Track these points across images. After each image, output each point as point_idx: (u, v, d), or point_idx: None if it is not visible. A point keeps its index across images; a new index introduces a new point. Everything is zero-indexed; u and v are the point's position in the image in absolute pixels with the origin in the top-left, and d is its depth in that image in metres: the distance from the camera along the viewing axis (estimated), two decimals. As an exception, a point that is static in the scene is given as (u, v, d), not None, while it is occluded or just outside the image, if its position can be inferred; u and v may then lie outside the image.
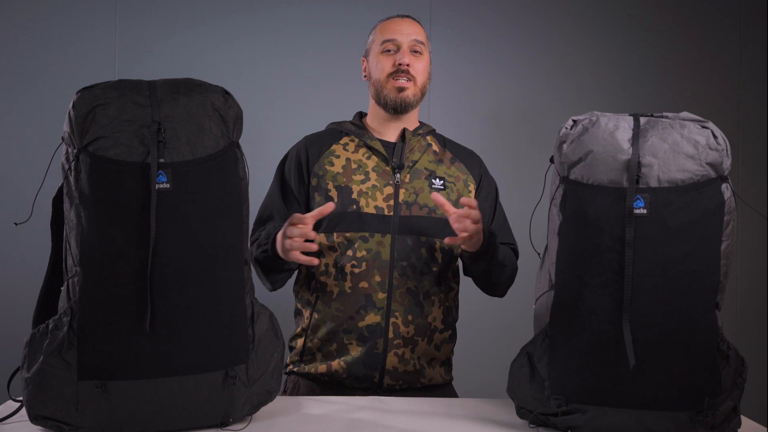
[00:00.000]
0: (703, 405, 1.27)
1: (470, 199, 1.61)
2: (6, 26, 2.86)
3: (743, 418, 1.36)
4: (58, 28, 2.87)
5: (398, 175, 1.79)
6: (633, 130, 1.32)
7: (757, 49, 3.00)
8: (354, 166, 1.80)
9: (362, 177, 1.79)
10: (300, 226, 1.61)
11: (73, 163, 1.27)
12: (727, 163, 1.30)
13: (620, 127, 1.32)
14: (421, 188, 1.79)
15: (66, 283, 1.30)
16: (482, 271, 1.78)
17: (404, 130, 1.85)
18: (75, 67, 2.85)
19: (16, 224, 1.43)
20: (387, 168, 1.80)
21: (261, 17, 2.91)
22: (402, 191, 1.78)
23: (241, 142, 1.39)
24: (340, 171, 1.80)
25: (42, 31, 2.86)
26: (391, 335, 1.73)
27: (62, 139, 1.32)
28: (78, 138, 1.26)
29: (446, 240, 1.64)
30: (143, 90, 1.30)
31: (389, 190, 1.78)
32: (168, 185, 1.27)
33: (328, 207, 1.63)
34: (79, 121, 1.26)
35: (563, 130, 1.38)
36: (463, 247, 1.68)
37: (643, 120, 1.33)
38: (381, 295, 1.73)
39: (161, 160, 1.27)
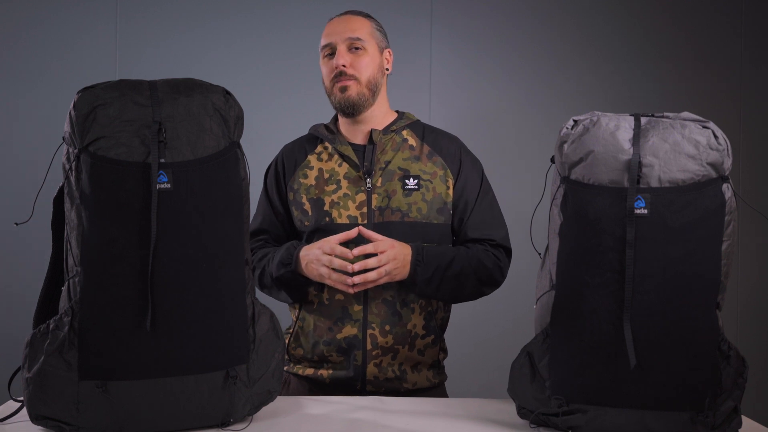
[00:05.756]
0: (704, 405, 1.27)
1: (371, 246, 1.64)
2: (6, 26, 2.87)
3: (744, 418, 1.36)
4: (58, 28, 2.87)
5: (369, 180, 1.75)
6: (634, 130, 1.32)
7: (757, 49, 3.00)
8: (326, 176, 1.78)
9: (334, 187, 1.76)
10: (339, 261, 1.63)
11: (73, 163, 1.27)
12: (727, 163, 1.30)
13: (621, 127, 1.32)
14: (394, 191, 1.74)
15: (67, 283, 1.30)
16: (419, 294, 1.73)
17: (372, 131, 1.79)
18: (75, 67, 2.85)
19: (16, 224, 1.43)
20: (358, 174, 1.76)
21: (261, 17, 2.91)
22: (374, 197, 1.74)
23: (241, 141, 1.39)
24: (313, 183, 1.78)
25: (42, 31, 2.87)
26: (369, 347, 1.71)
27: (63, 139, 1.32)
28: (79, 138, 1.26)
29: (353, 289, 1.65)
30: (144, 90, 1.30)
31: (361, 197, 1.74)
32: (169, 185, 1.27)
33: (353, 233, 1.66)
34: (80, 121, 1.26)
35: (564, 130, 1.37)
36: (384, 282, 1.68)
37: (643, 120, 1.33)
38: (357, 307, 1.72)
39: (162, 160, 1.27)
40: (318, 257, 1.66)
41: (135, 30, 2.89)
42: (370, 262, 1.63)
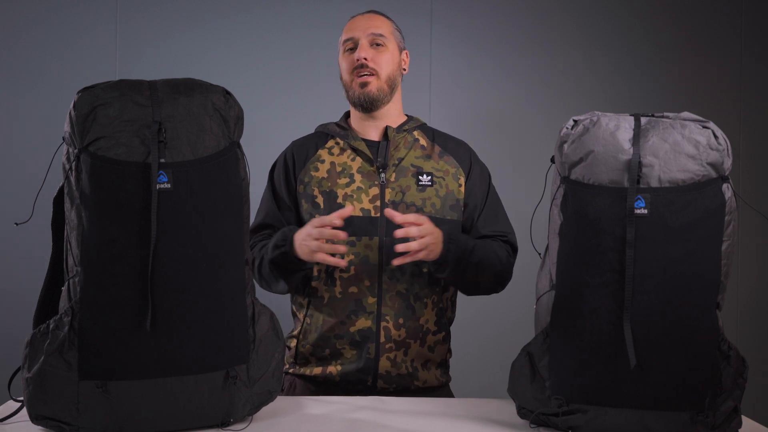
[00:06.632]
0: (704, 405, 1.27)
1: (413, 216, 1.62)
2: (6, 26, 2.86)
3: (744, 419, 1.36)
4: (58, 28, 2.87)
5: (383, 175, 1.77)
6: (634, 130, 1.32)
7: (757, 49, 3.00)
8: (339, 169, 1.78)
9: (347, 180, 1.77)
10: (329, 230, 1.61)
11: (73, 163, 1.27)
12: (727, 163, 1.30)
13: (621, 127, 1.32)
14: (408, 186, 1.77)
15: (67, 283, 1.30)
16: (447, 278, 1.74)
17: (387, 128, 1.82)
18: (75, 67, 2.85)
19: (16, 224, 1.43)
20: (372, 168, 1.78)
21: (261, 17, 2.91)
22: (388, 191, 1.76)
23: (241, 141, 1.39)
24: (325, 176, 1.78)
25: (42, 31, 2.87)
26: (382, 339, 1.72)
27: (63, 139, 1.32)
28: (79, 138, 1.26)
29: (393, 261, 1.64)
30: (144, 90, 1.30)
31: (375, 190, 1.76)
32: (169, 185, 1.27)
33: (347, 211, 1.63)
34: (80, 121, 1.26)
35: (564, 130, 1.38)
36: (420, 258, 1.66)
37: (644, 120, 1.33)
38: (371, 300, 1.72)
39: (162, 160, 1.27)
40: (309, 232, 1.64)
41: (135, 30, 2.89)
42: (412, 231, 1.61)
